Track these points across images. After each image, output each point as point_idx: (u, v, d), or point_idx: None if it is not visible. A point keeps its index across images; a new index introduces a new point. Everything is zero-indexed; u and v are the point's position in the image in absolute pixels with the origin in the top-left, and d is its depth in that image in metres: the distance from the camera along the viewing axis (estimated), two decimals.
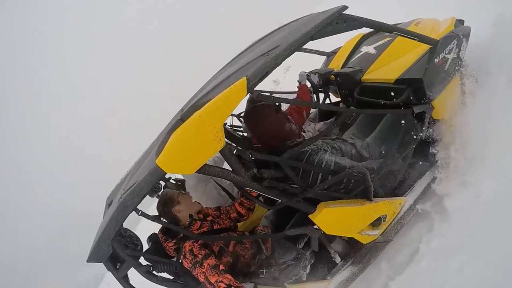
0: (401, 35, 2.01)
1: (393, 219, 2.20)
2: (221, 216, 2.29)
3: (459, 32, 2.25)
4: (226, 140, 1.71)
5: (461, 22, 2.46)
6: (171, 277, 2.06)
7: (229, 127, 2.93)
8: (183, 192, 2.29)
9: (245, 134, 2.71)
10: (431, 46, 2.12)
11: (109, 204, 2.19)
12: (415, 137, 2.12)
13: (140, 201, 1.66)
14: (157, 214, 2.16)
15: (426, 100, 2.10)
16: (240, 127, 2.97)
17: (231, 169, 1.74)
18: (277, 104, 2.03)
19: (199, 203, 2.30)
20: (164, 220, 2.14)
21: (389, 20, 2.03)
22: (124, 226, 1.81)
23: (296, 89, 2.94)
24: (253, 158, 1.82)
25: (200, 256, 1.89)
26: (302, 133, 2.25)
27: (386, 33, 2.52)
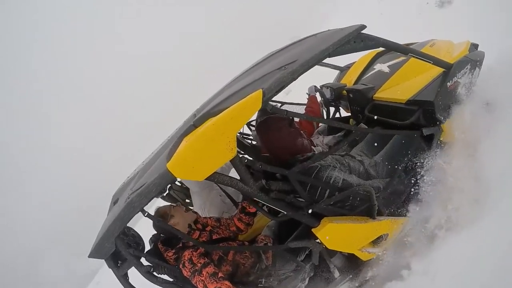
0: (417, 58, 2.02)
1: (395, 239, 2.20)
2: (221, 227, 2.30)
3: (473, 57, 2.26)
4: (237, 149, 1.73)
5: (475, 46, 2.47)
6: (171, 279, 2.07)
7: (239, 134, 2.96)
8: (174, 204, 2.31)
9: (254, 142, 2.74)
10: (444, 70, 2.14)
11: (114, 202, 2.21)
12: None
13: (147, 203, 1.68)
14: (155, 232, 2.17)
15: (436, 123, 2.11)
16: (249, 135, 3.00)
17: (239, 178, 1.76)
18: (290, 117, 2.05)
19: (195, 212, 2.31)
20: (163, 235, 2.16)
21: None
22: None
23: (306, 101, 2.97)
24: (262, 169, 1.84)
25: (199, 265, 1.90)
26: (313, 147, 2.26)
27: None
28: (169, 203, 2.50)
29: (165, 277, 2.04)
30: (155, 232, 2.22)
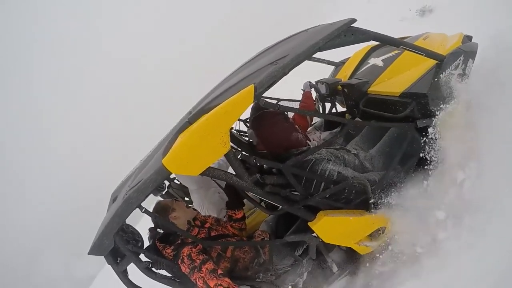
0: (409, 50, 2.03)
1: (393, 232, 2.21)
2: (220, 224, 2.33)
3: (466, 49, 2.25)
4: (231, 144, 1.75)
5: (469, 38, 2.47)
6: (169, 275, 2.09)
7: (235, 132, 2.98)
8: (176, 198, 2.32)
9: (250, 140, 2.75)
10: (437, 62, 2.15)
11: (113, 200, 2.24)
12: (417, 151, 2.14)
13: (144, 199, 1.70)
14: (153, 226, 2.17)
15: (429, 115, 2.12)
16: (246, 132, 3.01)
17: (235, 173, 1.78)
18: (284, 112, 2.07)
19: (194, 209, 2.33)
20: (161, 231, 2.17)
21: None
22: (126, 222, 1.87)
23: (301, 97, 2.98)
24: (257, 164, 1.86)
25: (198, 261, 1.92)
26: (308, 141, 2.28)
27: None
28: (171, 198, 2.52)
29: (164, 273, 2.06)
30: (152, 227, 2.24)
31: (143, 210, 1.78)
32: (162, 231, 2.17)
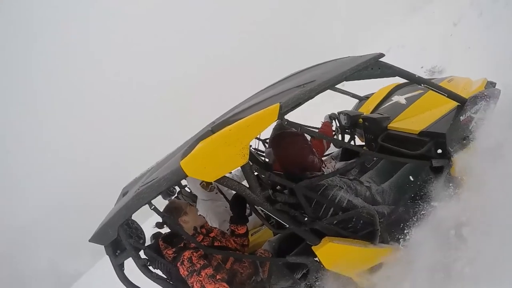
0: (431, 89, 2.07)
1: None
2: (225, 237, 2.35)
3: (488, 94, 2.28)
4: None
5: (492, 84, 2.51)
6: (165, 276, 2.09)
7: (254, 150, 3.04)
8: (191, 203, 2.36)
9: (267, 160, 2.80)
10: (459, 104, 2.17)
11: (124, 194, 2.29)
12: (430, 190, 2.13)
13: (155, 196, 1.74)
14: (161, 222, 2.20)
15: (446, 156, 2.12)
16: (263, 152, 3.06)
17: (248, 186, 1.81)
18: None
19: (203, 217, 2.37)
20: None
21: None
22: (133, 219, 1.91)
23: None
24: (270, 180, 1.90)
25: (198, 265, 1.94)
26: (322, 167, 2.32)
27: (419, 86, 2.61)
28: (186, 201, 2.57)
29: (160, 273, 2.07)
30: (158, 231, 2.27)
31: (152, 207, 1.82)
32: (168, 230, 2.20)
